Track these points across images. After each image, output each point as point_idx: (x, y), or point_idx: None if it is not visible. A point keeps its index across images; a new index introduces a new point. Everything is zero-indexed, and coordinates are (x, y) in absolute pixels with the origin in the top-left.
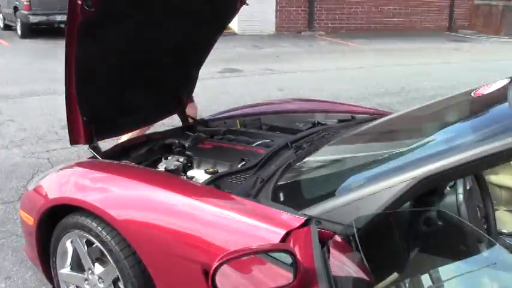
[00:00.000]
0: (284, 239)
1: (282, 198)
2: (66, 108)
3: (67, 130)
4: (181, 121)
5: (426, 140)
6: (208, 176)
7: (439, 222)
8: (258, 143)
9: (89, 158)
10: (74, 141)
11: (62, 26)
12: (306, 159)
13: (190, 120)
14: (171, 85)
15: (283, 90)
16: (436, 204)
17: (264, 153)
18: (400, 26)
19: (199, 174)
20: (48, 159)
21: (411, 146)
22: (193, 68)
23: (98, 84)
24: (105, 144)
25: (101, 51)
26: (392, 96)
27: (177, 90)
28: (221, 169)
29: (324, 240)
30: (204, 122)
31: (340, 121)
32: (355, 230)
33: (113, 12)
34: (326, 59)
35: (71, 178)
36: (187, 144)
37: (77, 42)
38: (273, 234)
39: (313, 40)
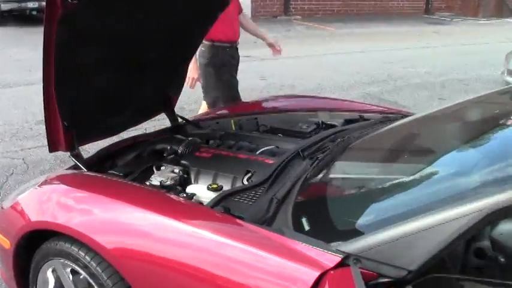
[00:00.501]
0: (317, 282)
1: (306, 227)
2: (45, 111)
3: (43, 126)
4: (170, 121)
5: (482, 157)
6: (211, 194)
7: (494, 253)
8: (262, 150)
9: (70, 167)
10: (53, 148)
11: (34, 13)
12: (327, 173)
13: (179, 119)
14: (159, 82)
15: (265, 79)
16: (486, 231)
17: (274, 164)
18: (377, 9)
19: (200, 191)
20: (23, 159)
21: (463, 165)
22: (182, 63)
23: (80, 84)
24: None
25: (83, 48)
26: (380, 84)
27: (165, 87)
28: (224, 182)
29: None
30: (195, 122)
31: (347, 121)
32: (406, 273)
33: (95, 4)
34: (305, 44)
35: (52, 197)
36: (180, 150)
37: (57, 38)
38: (304, 276)
39: (290, 25)
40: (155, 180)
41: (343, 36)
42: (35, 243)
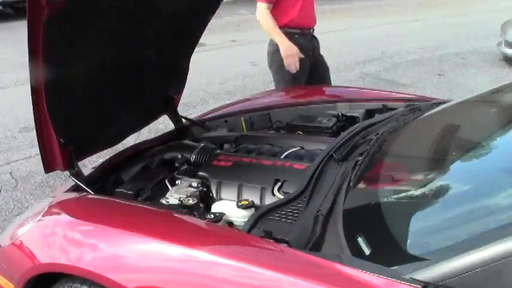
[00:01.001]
0: None
1: (365, 250)
2: (36, 127)
3: (28, 134)
4: (173, 123)
5: None
6: (242, 212)
7: None
8: (287, 153)
9: (71, 189)
10: (49, 169)
11: (6, 8)
12: (373, 179)
13: (184, 120)
14: (159, 82)
15: (256, 65)
16: None
17: (308, 171)
18: None
19: (229, 209)
20: (10, 173)
21: None
22: (182, 60)
23: (75, 93)
24: None
25: (75, 52)
26: (376, 62)
27: (166, 87)
28: (251, 195)
29: None
30: (201, 123)
31: (368, 112)
32: None
33: (87, 2)
34: None
35: (57, 231)
36: (193, 158)
37: (44, 43)
38: None
39: None
40: (172, 198)
41: (325, 13)
42: (44, 285)
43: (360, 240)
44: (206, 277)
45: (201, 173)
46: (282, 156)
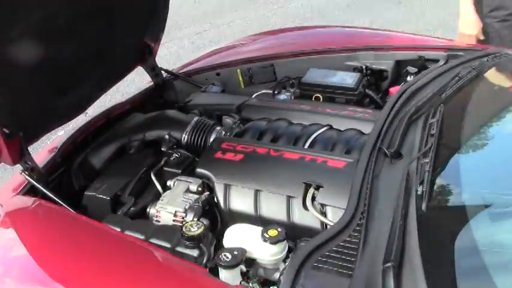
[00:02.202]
0: None
1: None
2: None
3: None
4: (151, 77)
5: None
6: (270, 249)
7: None
8: (312, 138)
9: (22, 190)
10: None
11: None
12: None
13: (164, 74)
14: (132, 27)
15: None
16: None
17: (355, 183)
18: None
19: (250, 242)
20: None
21: None
22: None
23: (19, 61)
24: None
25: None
26: None
27: (140, 33)
28: (274, 208)
29: None
30: (186, 77)
31: (398, 63)
32: None
33: None
34: None
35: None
36: (184, 139)
37: None
38: None
39: None
40: (164, 212)
41: None
42: None
43: None
44: None
45: (200, 170)
46: (308, 143)
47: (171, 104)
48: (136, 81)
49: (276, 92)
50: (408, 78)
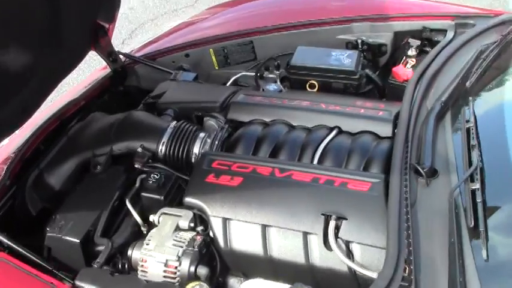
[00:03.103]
0: None
1: None
2: None
3: None
4: (108, 63)
5: None
6: None
7: None
8: (322, 149)
9: None
10: None
11: None
12: None
13: (122, 57)
14: (79, 8)
15: None
16: None
17: (391, 212)
18: None
19: None
20: None
21: None
22: None
23: None
24: None
25: None
26: None
27: (91, 14)
28: (288, 248)
29: None
30: (150, 61)
31: (399, 35)
32: None
33: None
34: None
35: None
36: (161, 151)
37: None
38: None
39: None
40: (153, 261)
41: None
42: None
43: None
44: None
45: (190, 200)
46: (317, 156)
47: (133, 93)
48: None
49: (258, 75)
50: (409, 52)
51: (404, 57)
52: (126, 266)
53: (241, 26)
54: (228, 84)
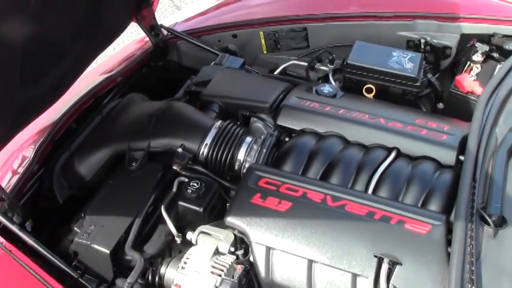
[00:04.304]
0: None
1: None
2: None
3: None
4: (149, 37)
5: None
6: None
7: None
8: (377, 176)
9: None
10: None
11: None
12: None
13: (164, 31)
14: None
15: None
16: None
17: (454, 267)
18: None
19: None
20: None
21: None
22: None
23: None
24: None
25: None
26: None
27: None
28: None
29: None
30: (193, 38)
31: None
32: None
33: None
34: None
35: None
36: (203, 153)
37: None
38: None
39: None
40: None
41: None
42: None
43: None
44: None
45: (233, 221)
46: (373, 184)
47: (173, 69)
48: None
49: (312, 65)
50: (475, 58)
51: (469, 62)
52: (157, 282)
53: (295, 10)
54: (276, 72)
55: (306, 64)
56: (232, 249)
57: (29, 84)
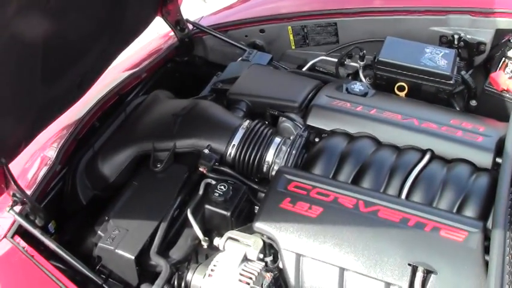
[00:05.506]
0: None
1: None
2: None
3: None
4: (175, 31)
5: None
6: None
7: None
8: (410, 181)
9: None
10: None
11: None
12: None
13: (190, 26)
14: None
15: None
16: None
17: (493, 278)
18: None
19: None
20: None
21: None
22: None
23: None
24: None
25: None
26: None
27: None
28: None
29: None
30: (221, 34)
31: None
32: None
33: None
34: None
35: None
36: (230, 154)
37: None
38: None
39: None
40: None
41: None
42: None
43: None
44: None
45: (261, 227)
46: (406, 188)
47: (198, 64)
48: None
49: (341, 61)
50: (510, 54)
51: (504, 58)
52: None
53: (325, 5)
54: (304, 68)
55: (335, 60)
56: (261, 256)
57: (51, 82)
